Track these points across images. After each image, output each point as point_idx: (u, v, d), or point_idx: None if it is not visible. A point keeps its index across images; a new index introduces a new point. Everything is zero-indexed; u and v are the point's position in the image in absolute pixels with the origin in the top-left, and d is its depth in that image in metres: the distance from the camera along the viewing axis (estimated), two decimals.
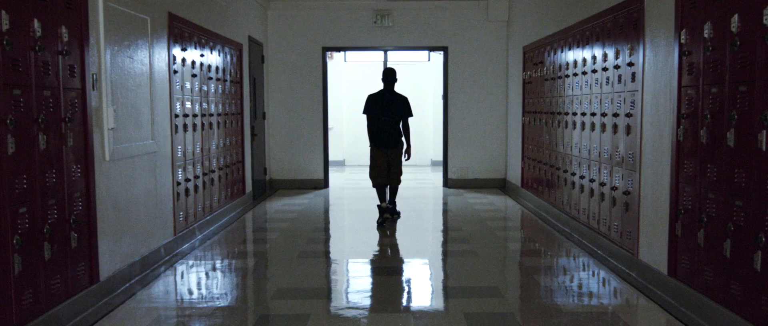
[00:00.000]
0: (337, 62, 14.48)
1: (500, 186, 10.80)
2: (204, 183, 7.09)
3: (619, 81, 5.60)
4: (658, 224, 4.82)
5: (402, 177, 7.82)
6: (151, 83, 5.52)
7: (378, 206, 7.74)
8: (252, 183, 9.40)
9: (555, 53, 7.77)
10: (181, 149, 6.37)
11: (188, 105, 6.58)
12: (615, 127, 5.71)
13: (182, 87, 6.39)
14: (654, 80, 4.90)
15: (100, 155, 4.57)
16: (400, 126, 7.70)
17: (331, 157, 13.55)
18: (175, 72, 6.16)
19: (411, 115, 7.68)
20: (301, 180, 10.83)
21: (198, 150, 6.91)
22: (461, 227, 7.60)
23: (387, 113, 7.59)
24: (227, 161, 8.07)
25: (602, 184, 6.03)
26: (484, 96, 10.75)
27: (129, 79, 5.07)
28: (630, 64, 5.34)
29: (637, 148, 5.23)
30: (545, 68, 8.21)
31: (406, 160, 7.83)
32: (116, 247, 4.86)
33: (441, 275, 5.69)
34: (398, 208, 8.10)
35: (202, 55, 7.02)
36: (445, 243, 7.03)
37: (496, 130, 10.79)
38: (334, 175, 12.39)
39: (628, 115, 5.38)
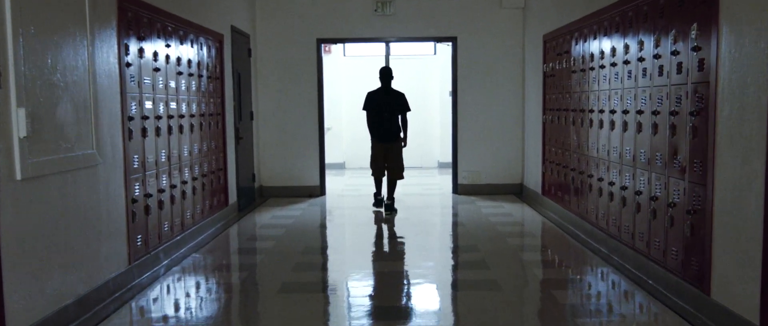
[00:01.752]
0: (335, 56, 13.35)
1: (516, 192, 9.66)
2: (172, 197, 5.97)
3: (679, 71, 4.46)
4: (743, 256, 3.68)
5: (404, 174, 8.32)
6: (91, 78, 4.40)
7: (374, 195, 8.45)
8: (237, 192, 8.28)
9: (584, 41, 6.63)
10: (139, 158, 5.26)
11: (148, 105, 5.46)
12: (672, 127, 4.57)
13: (139, 83, 5.27)
14: (734, 69, 3.76)
15: (6, 173, 3.46)
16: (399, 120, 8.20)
17: (330, 160, 12.47)
18: (129, 65, 5.04)
19: (409, 109, 8.20)
20: (294, 187, 9.71)
21: (163, 158, 5.79)
22: (476, 245, 6.46)
23: (387, 109, 8.08)
24: (204, 169, 6.96)
25: (654, 198, 4.89)
26: (497, 91, 9.60)
27: (55, 73, 3.95)
28: (696, 49, 4.20)
29: (706, 156, 4.10)
30: (572, 59, 7.07)
31: (403, 147, 8.31)
32: (36, 290, 3.75)
33: (458, 319, 4.55)
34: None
35: (168, 46, 5.90)
36: (459, 268, 5.89)
37: (511, 130, 9.65)
38: (332, 180, 11.28)
39: (694, 113, 4.24)
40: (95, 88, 4.47)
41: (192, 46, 6.61)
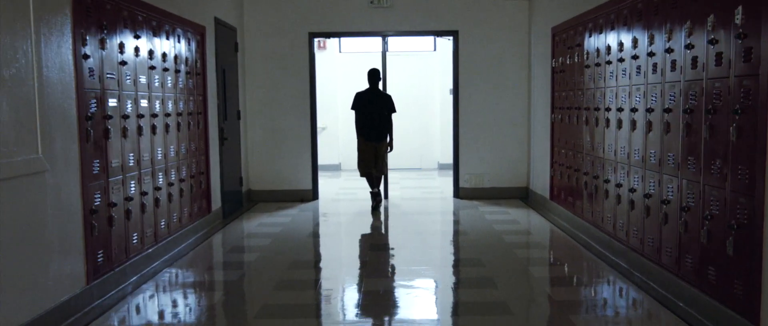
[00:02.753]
0: (330, 52, 12.74)
1: (522, 196, 9.05)
2: (142, 205, 5.36)
3: (718, 62, 3.86)
4: None
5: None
6: (36, 73, 3.80)
7: (371, 192, 8.59)
8: (221, 197, 7.67)
9: (599, 32, 6.02)
10: (100, 163, 4.65)
11: (113, 103, 4.85)
12: (711, 128, 3.96)
13: (101, 78, 4.67)
14: None
15: None
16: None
17: (326, 161, 11.88)
18: (86, 57, 4.43)
19: (395, 111, 8.54)
20: (285, 191, 9.10)
21: (131, 162, 5.18)
22: (481, 259, 5.85)
23: (376, 110, 8.41)
24: (182, 174, 6.35)
25: (685, 209, 4.28)
26: (502, 89, 8.99)
27: None
28: (741, 36, 3.59)
29: (755, 162, 3.49)
30: (584, 52, 6.46)
31: (389, 151, 8.65)
32: None
33: None
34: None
35: (137, 37, 5.29)
36: (462, 286, 5.25)
37: (517, 130, 9.04)
38: (327, 183, 10.66)
39: (738, 112, 3.62)
40: (42, 84, 3.87)
41: (168, 39, 6.00)
